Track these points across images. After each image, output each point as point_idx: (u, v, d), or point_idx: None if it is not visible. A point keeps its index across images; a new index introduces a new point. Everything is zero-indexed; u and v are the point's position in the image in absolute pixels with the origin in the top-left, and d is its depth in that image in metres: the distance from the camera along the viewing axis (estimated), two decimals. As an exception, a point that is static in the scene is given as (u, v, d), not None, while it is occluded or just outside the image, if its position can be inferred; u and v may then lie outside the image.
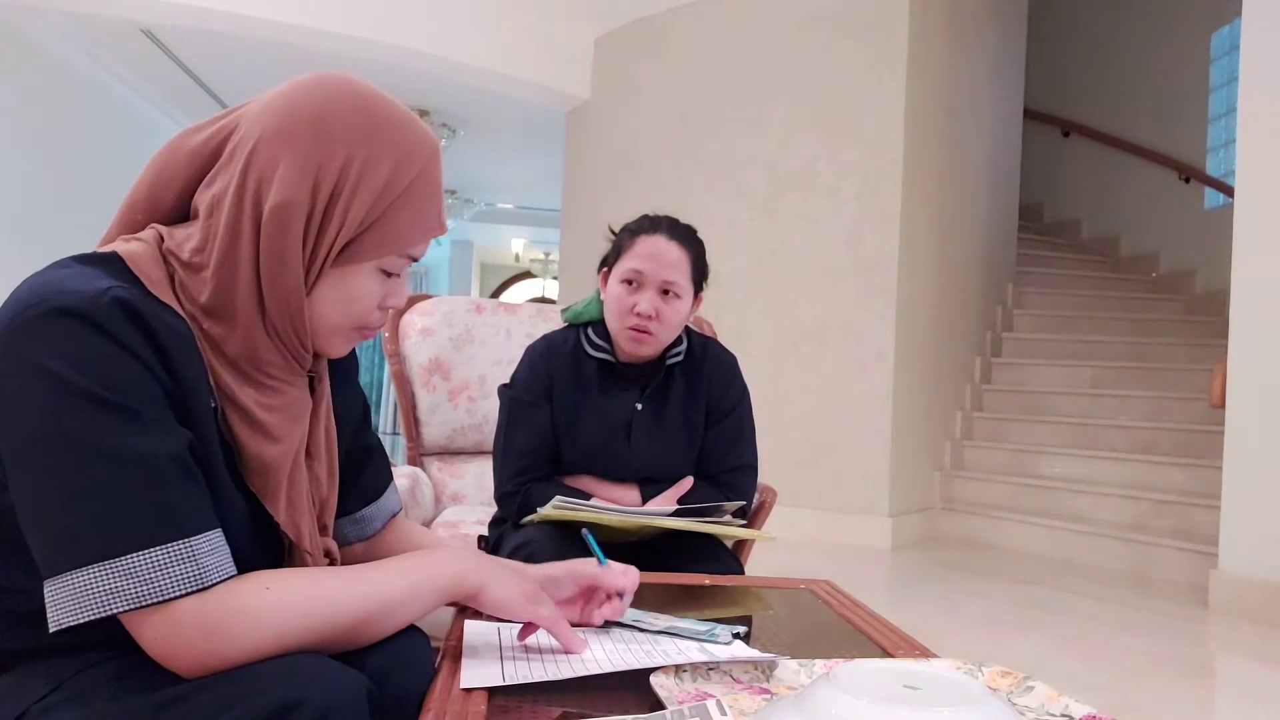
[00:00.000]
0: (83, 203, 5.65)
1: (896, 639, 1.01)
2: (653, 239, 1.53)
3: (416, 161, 0.77)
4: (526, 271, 13.14)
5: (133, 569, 0.64)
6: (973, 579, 3.70)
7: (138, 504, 0.65)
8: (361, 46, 4.97)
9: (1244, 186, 3.31)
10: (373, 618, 0.75)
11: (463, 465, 2.18)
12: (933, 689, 0.64)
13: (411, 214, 0.78)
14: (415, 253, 0.80)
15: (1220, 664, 2.77)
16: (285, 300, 0.75)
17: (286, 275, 0.74)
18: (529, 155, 7.73)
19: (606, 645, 0.89)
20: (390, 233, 0.77)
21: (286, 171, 0.73)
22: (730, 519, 1.47)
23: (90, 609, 0.63)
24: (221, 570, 0.68)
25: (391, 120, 0.77)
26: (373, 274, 0.79)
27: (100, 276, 0.69)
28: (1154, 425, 4.55)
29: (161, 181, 0.78)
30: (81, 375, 0.64)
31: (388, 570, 0.78)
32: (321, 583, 0.73)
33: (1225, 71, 5.83)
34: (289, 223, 0.73)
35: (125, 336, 0.66)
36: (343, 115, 0.75)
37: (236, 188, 0.73)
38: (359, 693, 0.68)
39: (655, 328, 1.52)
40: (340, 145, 0.74)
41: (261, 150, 0.73)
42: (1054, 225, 6.99)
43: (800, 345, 4.51)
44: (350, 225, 0.75)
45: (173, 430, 0.68)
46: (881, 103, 4.36)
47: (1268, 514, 3.14)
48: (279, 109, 0.75)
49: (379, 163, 0.75)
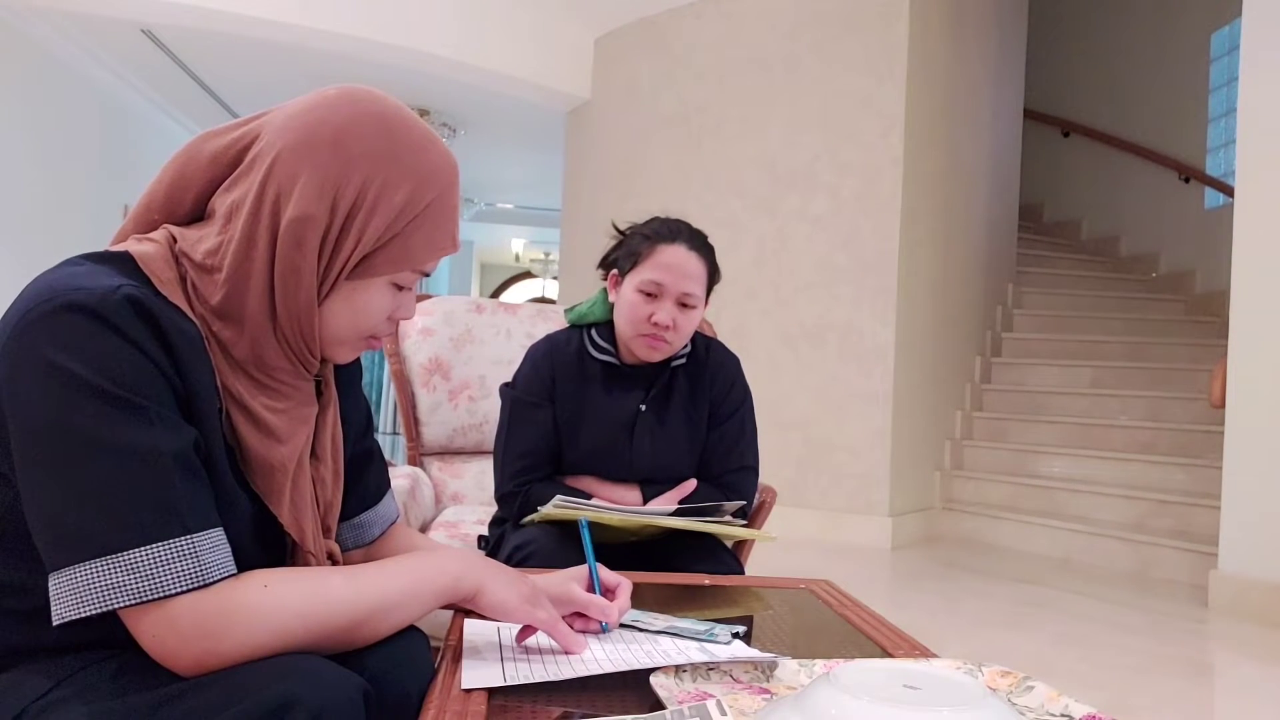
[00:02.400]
0: (83, 203, 5.64)
1: (896, 639, 1.01)
2: (674, 249, 1.51)
3: (435, 185, 0.78)
4: (526, 271, 13.15)
5: (135, 564, 0.64)
6: (973, 579, 3.70)
7: (141, 499, 0.65)
8: (361, 46, 4.98)
9: (1244, 186, 3.31)
10: (370, 618, 0.75)
11: (463, 465, 2.18)
12: (933, 689, 0.64)
13: (427, 234, 0.79)
14: (428, 269, 0.81)
15: (1220, 664, 2.77)
16: (297, 311, 0.76)
17: (300, 288, 0.75)
18: (529, 155, 7.73)
19: (606, 645, 0.89)
20: (405, 251, 0.78)
21: (306, 187, 0.74)
22: (730, 519, 1.47)
23: (92, 603, 0.63)
24: (223, 568, 0.68)
25: (413, 142, 0.78)
26: (385, 288, 0.80)
27: (112, 274, 0.70)
28: (1154, 425, 4.55)
29: (180, 183, 0.78)
30: (89, 370, 0.65)
31: (386, 571, 0.78)
32: (320, 582, 0.73)
33: (1225, 71, 5.83)
34: (305, 237, 0.74)
35: (135, 333, 0.67)
36: (364, 136, 0.76)
37: (255, 197, 0.74)
38: (355, 693, 0.68)
39: (671, 336, 1.52)
40: (360, 165, 0.75)
41: (282, 163, 0.74)
42: (1054, 225, 6.99)
43: (800, 345, 4.51)
44: (366, 243, 0.76)
45: (179, 427, 0.69)
46: (881, 103, 4.36)
47: (1268, 514, 3.14)
48: (301, 124, 0.75)
49: (398, 185, 0.76)
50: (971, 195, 5.02)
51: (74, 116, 5.69)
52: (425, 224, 0.78)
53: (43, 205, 5.33)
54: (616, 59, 5.41)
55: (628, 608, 0.96)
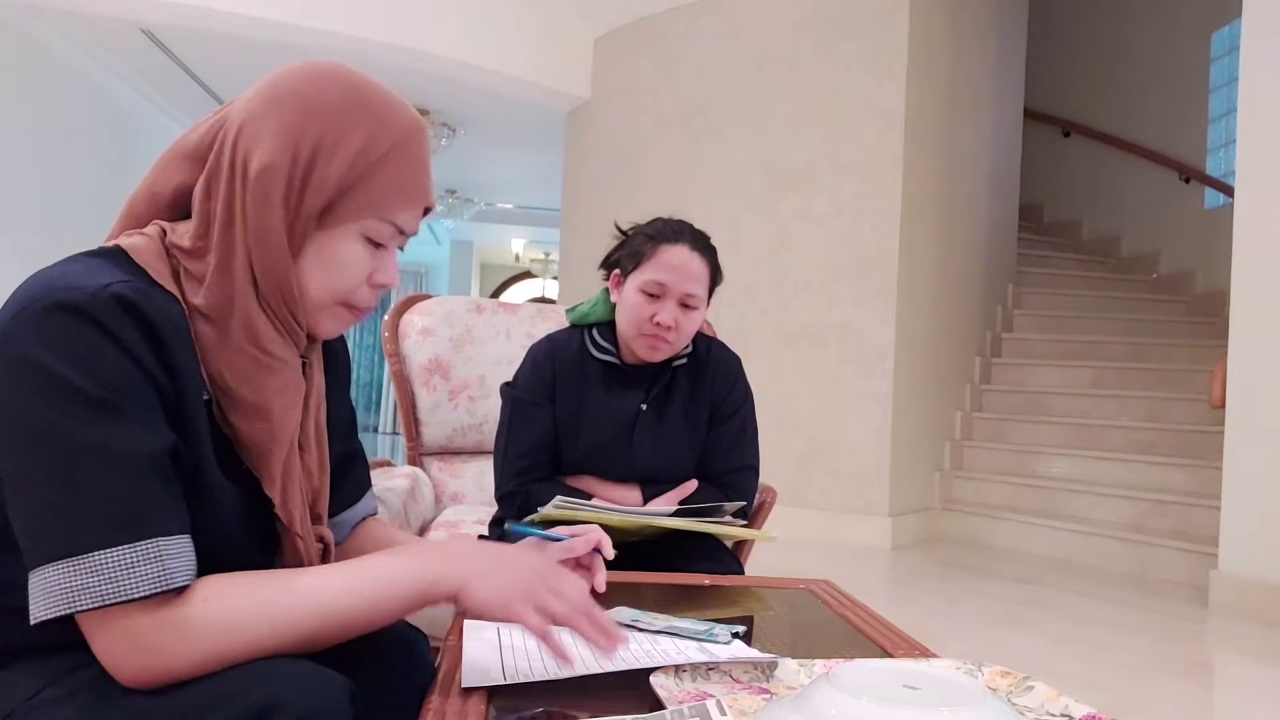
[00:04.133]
0: (82, 203, 5.64)
1: (896, 639, 1.01)
2: (676, 250, 1.51)
3: (394, 130, 0.78)
4: (526, 271, 13.14)
5: (99, 566, 0.64)
6: (973, 579, 3.70)
7: (112, 501, 0.65)
8: (362, 46, 4.97)
9: (1244, 186, 3.32)
10: (332, 627, 0.72)
11: (463, 465, 2.18)
12: (932, 689, 0.64)
13: (390, 178, 0.78)
14: (400, 221, 0.80)
15: (1220, 664, 2.77)
16: (274, 271, 0.75)
17: (270, 242, 0.75)
18: (529, 155, 7.72)
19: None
20: (369, 196, 0.77)
21: (268, 141, 0.74)
22: (730, 519, 1.47)
23: (60, 603, 0.63)
24: (186, 575, 0.68)
25: (374, 95, 0.78)
26: (356, 239, 0.79)
27: (106, 270, 0.69)
28: (1154, 425, 4.55)
29: (160, 181, 0.79)
30: (69, 369, 0.64)
31: (356, 576, 0.74)
32: (281, 589, 0.71)
33: (1225, 71, 5.83)
34: (271, 190, 0.74)
35: (120, 331, 0.67)
36: (325, 91, 0.76)
37: (228, 167, 0.75)
38: (341, 697, 0.68)
39: (672, 337, 1.52)
40: (319, 115, 0.76)
41: (247, 128, 0.75)
42: (1054, 225, 6.99)
43: (800, 345, 4.51)
44: (329, 187, 0.76)
45: (156, 430, 0.68)
46: (881, 103, 4.36)
47: (1268, 514, 3.14)
48: (264, 92, 0.77)
49: (356, 129, 0.76)
50: (971, 195, 5.02)
51: (74, 116, 5.69)
52: (388, 169, 0.78)
53: (43, 205, 5.33)
54: (616, 59, 5.41)
55: (608, 546, 0.98)
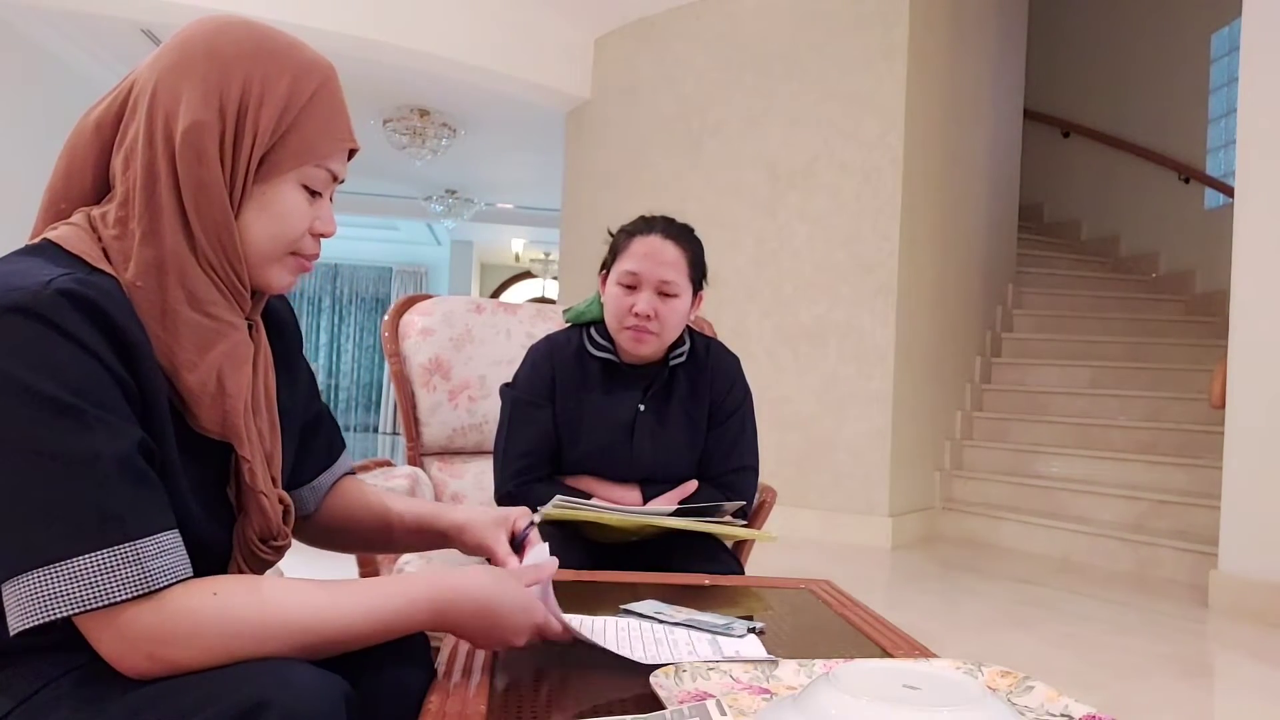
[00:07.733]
0: (83, 202, 5.65)
1: (896, 639, 1.01)
2: (648, 239, 1.54)
3: (314, 75, 0.79)
4: (526, 271, 13.14)
5: (78, 572, 0.63)
6: (972, 579, 3.70)
7: (81, 507, 0.64)
8: (362, 46, 4.97)
9: (1244, 187, 3.31)
10: (323, 647, 0.72)
11: (463, 465, 2.18)
12: (932, 689, 0.64)
13: (320, 124, 0.79)
14: (332, 166, 0.81)
15: (1220, 664, 2.77)
16: (215, 228, 0.74)
17: (211, 200, 0.74)
18: (529, 155, 7.72)
19: (620, 629, 0.91)
20: (303, 142, 0.78)
21: (190, 98, 0.73)
22: (730, 519, 1.47)
23: (37, 613, 0.63)
24: (172, 573, 0.67)
25: (282, 41, 0.79)
26: (295, 188, 0.79)
27: (42, 265, 0.68)
28: (1154, 425, 4.55)
29: (75, 163, 0.77)
30: (26, 372, 0.63)
31: (357, 603, 0.74)
32: (280, 596, 0.71)
33: (1225, 72, 5.83)
34: (204, 147, 0.73)
35: (72, 327, 0.65)
36: (235, 39, 0.76)
37: (146, 130, 0.73)
38: (333, 696, 0.67)
39: (655, 327, 1.52)
40: (238, 65, 0.75)
41: (162, 89, 0.74)
42: (1054, 225, 6.99)
43: (800, 345, 4.51)
44: (263, 138, 0.76)
45: (121, 430, 0.66)
46: (881, 102, 4.36)
47: (1268, 514, 3.14)
48: (171, 52, 0.76)
49: (278, 77, 0.77)
50: (971, 195, 5.02)
51: (74, 116, 5.65)
52: (316, 113, 0.78)
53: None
54: (616, 59, 5.41)
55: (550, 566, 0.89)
